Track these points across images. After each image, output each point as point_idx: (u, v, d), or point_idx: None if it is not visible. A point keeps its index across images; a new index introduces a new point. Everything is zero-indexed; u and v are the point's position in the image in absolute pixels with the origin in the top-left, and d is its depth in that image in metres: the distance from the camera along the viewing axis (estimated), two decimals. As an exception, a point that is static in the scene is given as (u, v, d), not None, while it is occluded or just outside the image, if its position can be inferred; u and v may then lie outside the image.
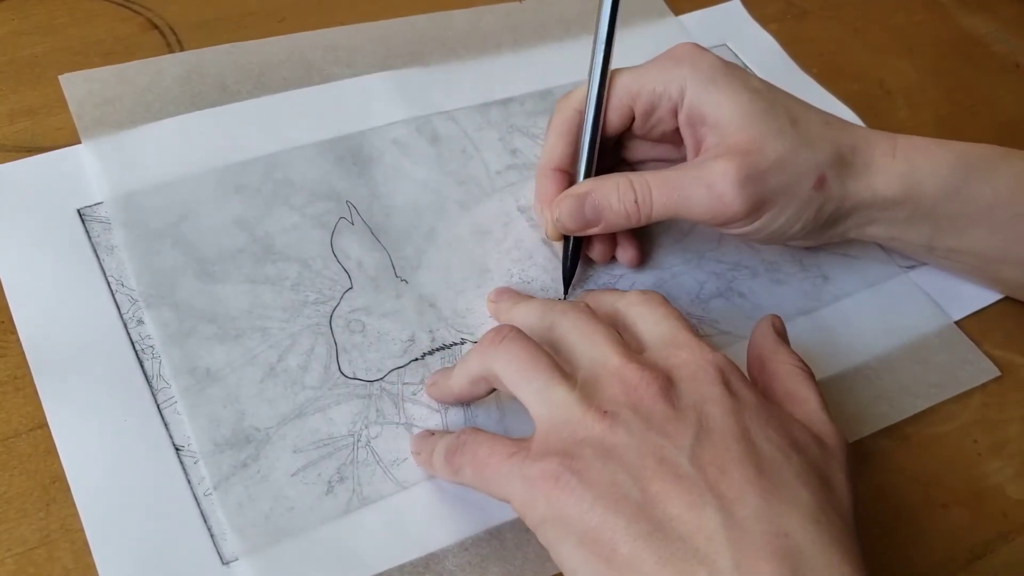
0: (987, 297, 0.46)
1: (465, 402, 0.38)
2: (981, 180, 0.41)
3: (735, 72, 0.40)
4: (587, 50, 0.42)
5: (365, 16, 0.53)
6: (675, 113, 0.41)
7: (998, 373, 0.43)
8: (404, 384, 0.39)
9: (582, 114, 0.41)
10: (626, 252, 0.44)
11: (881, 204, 0.41)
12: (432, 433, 0.37)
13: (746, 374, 0.33)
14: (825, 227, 0.41)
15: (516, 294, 0.41)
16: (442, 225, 0.45)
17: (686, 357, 0.32)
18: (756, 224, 0.39)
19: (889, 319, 0.44)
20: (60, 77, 0.46)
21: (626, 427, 0.30)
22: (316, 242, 0.43)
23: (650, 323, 0.35)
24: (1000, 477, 0.40)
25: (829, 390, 0.41)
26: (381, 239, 0.43)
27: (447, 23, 0.53)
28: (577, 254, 0.43)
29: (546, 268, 0.44)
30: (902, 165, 0.40)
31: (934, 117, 0.55)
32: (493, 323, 0.41)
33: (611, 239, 0.44)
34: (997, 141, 0.54)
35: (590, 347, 0.33)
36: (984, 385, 0.43)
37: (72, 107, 0.45)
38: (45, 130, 0.46)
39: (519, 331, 0.34)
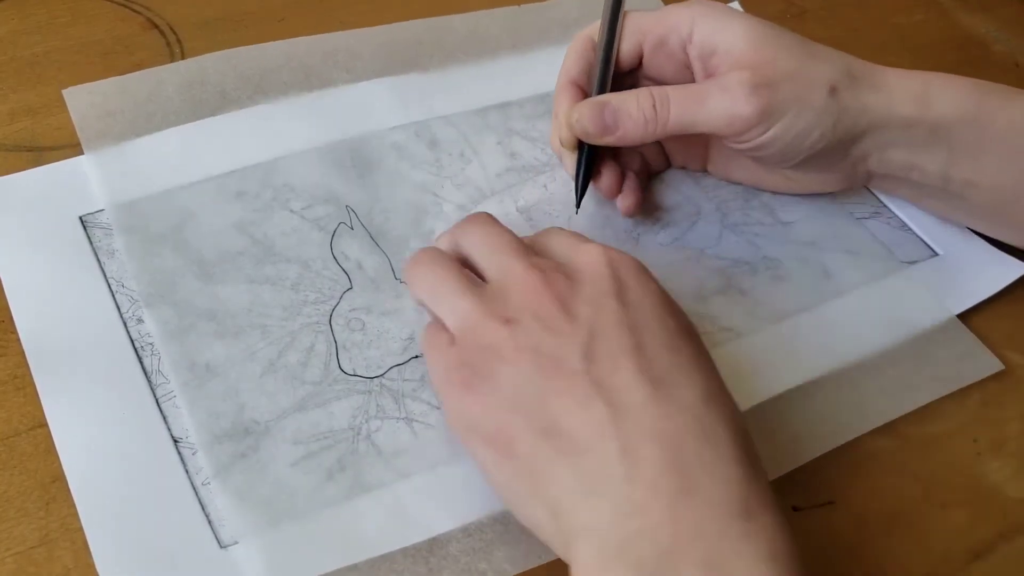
0: (987, 291, 0.46)
1: None
2: (996, 107, 0.42)
3: (736, 11, 0.42)
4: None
5: (363, 15, 0.53)
6: (684, 48, 0.42)
7: (1001, 367, 0.43)
8: (404, 380, 0.39)
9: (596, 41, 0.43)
10: (626, 199, 0.45)
11: (898, 122, 0.41)
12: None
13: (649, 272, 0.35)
14: (844, 146, 0.42)
15: None
16: (441, 226, 0.45)
17: (587, 259, 0.34)
18: (772, 132, 0.40)
19: (891, 314, 0.44)
20: (63, 91, 0.46)
21: (526, 332, 0.32)
22: (316, 244, 0.43)
23: (560, 236, 0.36)
24: (1000, 476, 0.40)
25: (830, 386, 0.41)
26: (380, 243, 0.43)
27: (445, 28, 0.53)
28: (591, 167, 0.44)
29: (546, 267, 0.44)
30: (916, 85, 0.41)
31: (934, 117, 0.55)
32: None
33: (620, 176, 0.44)
34: (997, 141, 0.54)
35: (495, 254, 0.35)
36: (984, 384, 0.43)
37: (75, 120, 0.45)
38: (45, 129, 0.46)
39: (432, 251, 0.36)
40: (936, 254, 0.48)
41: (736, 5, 0.58)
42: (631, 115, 0.41)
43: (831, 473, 0.39)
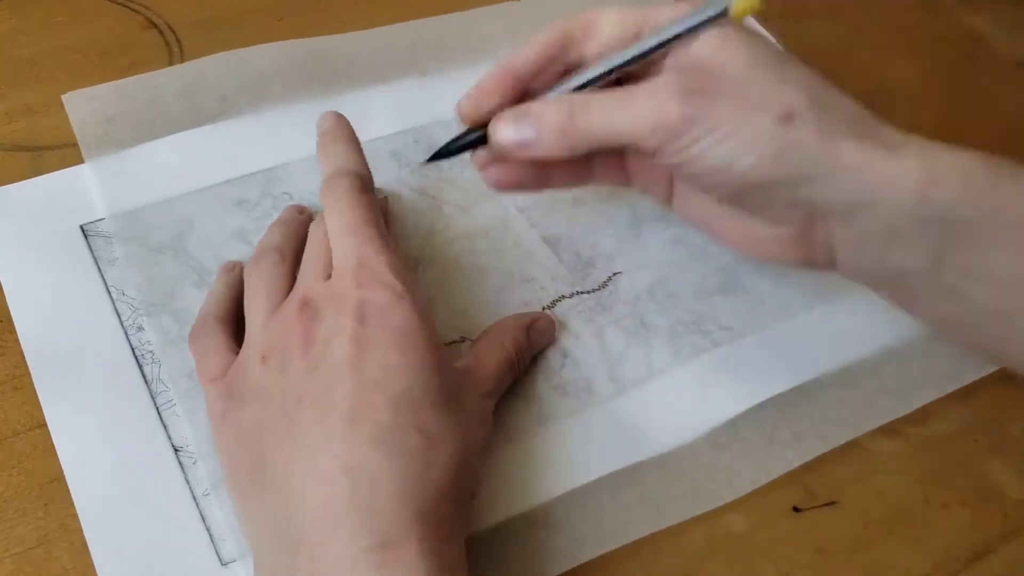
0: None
1: None
2: (1013, 189, 0.32)
3: (743, 29, 0.35)
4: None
5: (362, 14, 0.53)
6: (666, 58, 0.36)
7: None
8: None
9: (581, 39, 0.37)
10: (501, 172, 0.39)
11: (878, 181, 0.32)
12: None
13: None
14: (795, 185, 0.33)
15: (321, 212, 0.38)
16: (440, 226, 0.45)
17: (349, 294, 0.33)
18: (699, 146, 0.33)
19: (897, 311, 0.44)
20: (63, 96, 0.46)
21: (270, 372, 0.33)
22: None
23: (340, 248, 0.35)
24: (1001, 477, 0.40)
25: (832, 385, 0.41)
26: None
27: (444, 26, 0.53)
28: (463, 149, 0.38)
29: (545, 267, 0.44)
30: (916, 149, 0.33)
31: (934, 117, 0.55)
32: (490, 321, 0.41)
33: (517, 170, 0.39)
34: (998, 141, 0.53)
35: (303, 267, 0.36)
36: (985, 384, 0.43)
37: (75, 126, 0.45)
38: (43, 129, 0.46)
39: (270, 256, 0.38)
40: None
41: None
42: (548, 120, 0.35)
43: (832, 473, 0.39)
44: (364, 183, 0.37)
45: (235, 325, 0.38)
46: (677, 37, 0.35)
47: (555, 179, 0.40)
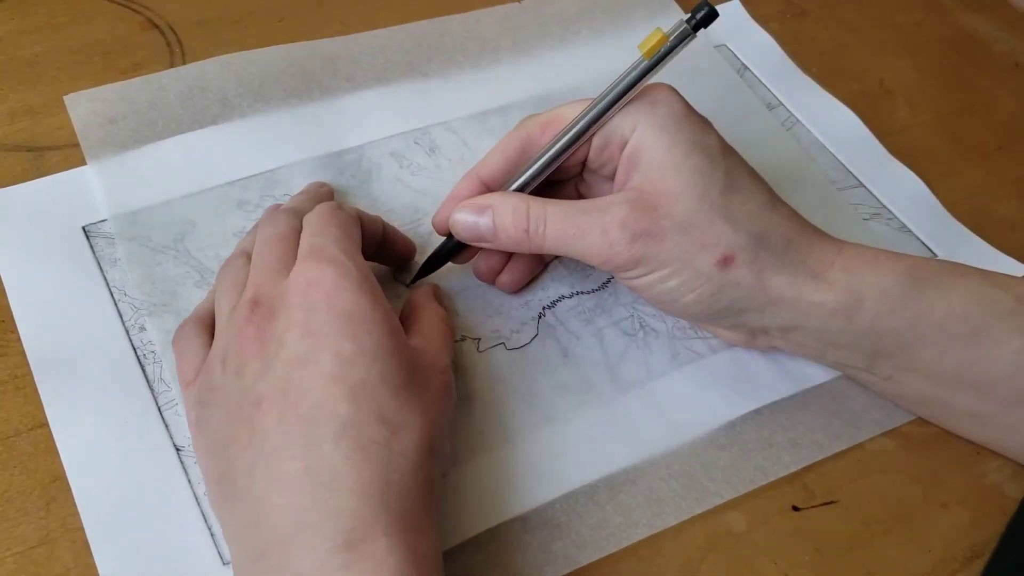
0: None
1: None
2: (933, 294, 0.37)
3: (693, 124, 0.37)
4: (587, 49, 0.42)
5: (364, 16, 0.53)
6: (622, 149, 0.38)
7: None
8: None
9: (539, 136, 0.39)
10: (507, 274, 0.42)
11: (807, 309, 0.37)
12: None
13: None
14: (734, 314, 0.38)
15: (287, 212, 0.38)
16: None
17: (294, 279, 0.33)
18: (645, 280, 0.37)
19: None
20: (64, 97, 0.46)
21: (229, 375, 0.33)
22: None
23: (301, 245, 0.35)
24: (999, 476, 0.40)
25: (828, 396, 0.41)
26: (380, 249, 0.43)
27: (445, 28, 0.53)
28: (445, 258, 0.41)
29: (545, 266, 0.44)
30: (840, 274, 0.37)
31: (934, 117, 0.55)
32: (490, 320, 0.41)
33: (503, 259, 0.42)
34: (997, 141, 0.54)
35: (253, 272, 0.35)
36: (984, 384, 0.43)
37: (77, 127, 0.45)
38: (45, 129, 0.46)
39: (237, 259, 0.37)
40: (935, 256, 0.48)
41: (737, 4, 0.58)
42: (505, 230, 0.38)
43: (831, 472, 0.39)
44: (342, 206, 0.38)
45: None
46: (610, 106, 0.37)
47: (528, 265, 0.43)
